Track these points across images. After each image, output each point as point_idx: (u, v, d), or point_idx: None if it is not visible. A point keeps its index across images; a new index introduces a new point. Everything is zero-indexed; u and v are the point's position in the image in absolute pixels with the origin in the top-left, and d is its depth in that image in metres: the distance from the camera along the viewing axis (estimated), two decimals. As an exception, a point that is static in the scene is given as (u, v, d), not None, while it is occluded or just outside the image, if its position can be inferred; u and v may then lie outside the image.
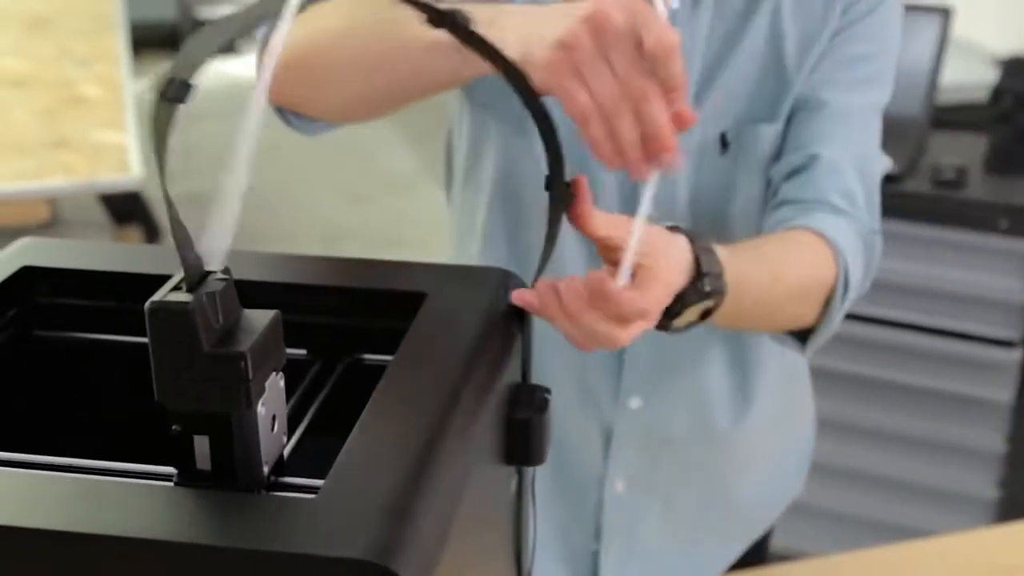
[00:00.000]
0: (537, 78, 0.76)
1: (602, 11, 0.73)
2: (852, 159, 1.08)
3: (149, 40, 5.01)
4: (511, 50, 0.77)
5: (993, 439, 2.16)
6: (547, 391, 0.75)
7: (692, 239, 0.86)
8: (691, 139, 1.08)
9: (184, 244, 0.58)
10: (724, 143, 1.09)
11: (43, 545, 0.53)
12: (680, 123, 0.74)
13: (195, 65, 0.60)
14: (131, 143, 2.38)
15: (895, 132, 1.14)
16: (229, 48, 0.63)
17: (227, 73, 5.18)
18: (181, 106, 0.60)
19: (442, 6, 0.76)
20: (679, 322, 0.87)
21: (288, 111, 1.01)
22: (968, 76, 2.42)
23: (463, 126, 1.17)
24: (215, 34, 0.62)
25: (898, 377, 2.18)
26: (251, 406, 0.57)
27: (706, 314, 0.88)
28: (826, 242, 1.02)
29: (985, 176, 2.14)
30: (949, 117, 2.31)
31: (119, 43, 3.14)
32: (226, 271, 0.59)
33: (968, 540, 1.47)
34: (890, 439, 2.22)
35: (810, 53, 1.07)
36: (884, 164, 1.13)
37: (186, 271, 0.58)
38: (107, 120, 2.52)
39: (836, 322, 1.04)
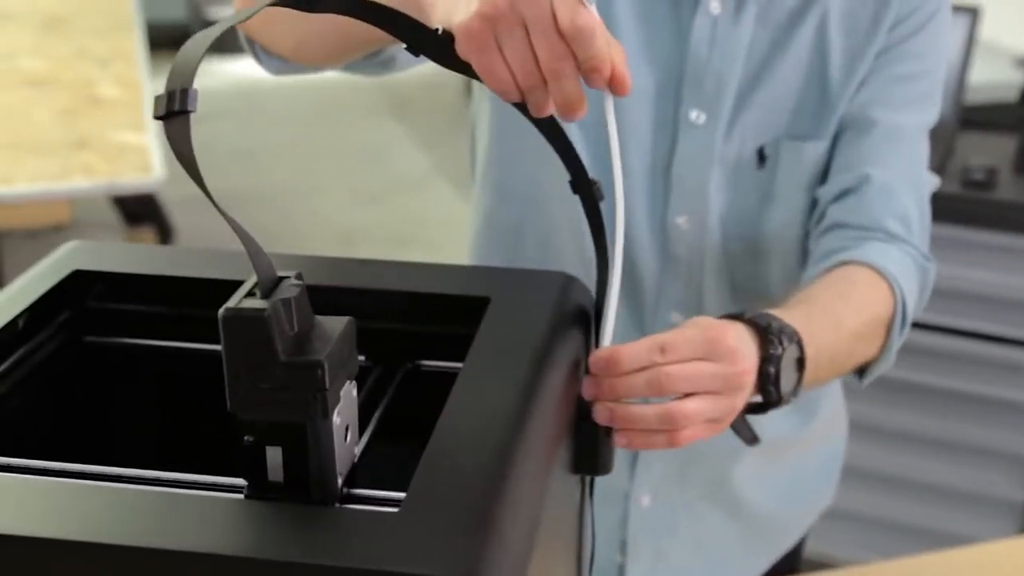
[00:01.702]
0: (457, 47, 0.70)
1: None
2: (906, 180, 1.05)
3: (159, 41, 5.00)
4: (436, 19, 0.72)
5: (1022, 442, 2.14)
6: (615, 398, 0.73)
7: (736, 317, 0.84)
8: (728, 151, 1.06)
9: (255, 250, 0.56)
10: (761, 157, 1.06)
11: (109, 560, 0.52)
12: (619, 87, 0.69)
13: (190, 71, 0.58)
14: (151, 144, 2.36)
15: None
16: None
17: (234, 73, 5.17)
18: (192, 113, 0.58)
19: None
20: (785, 386, 0.85)
21: (257, 46, 1.00)
22: (996, 76, 2.40)
23: (484, 119, 1.14)
24: (203, 39, 0.60)
25: (927, 380, 2.16)
26: (327, 416, 0.55)
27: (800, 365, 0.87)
28: (882, 276, 0.99)
29: (1015, 176, 2.12)
30: (978, 117, 2.29)
31: (136, 43, 3.12)
32: (299, 276, 0.58)
33: (1003, 548, 1.45)
34: (919, 442, 2.20)
35: (856, 69, 1.04)
36: (933, 184, 1.10)
37: (260, 277, 0.56)
38: (127, 121, 2.50)
39: (894, 354, 1.02)
